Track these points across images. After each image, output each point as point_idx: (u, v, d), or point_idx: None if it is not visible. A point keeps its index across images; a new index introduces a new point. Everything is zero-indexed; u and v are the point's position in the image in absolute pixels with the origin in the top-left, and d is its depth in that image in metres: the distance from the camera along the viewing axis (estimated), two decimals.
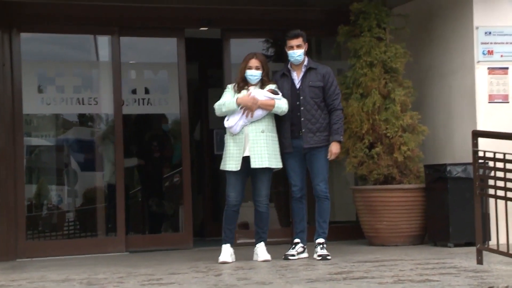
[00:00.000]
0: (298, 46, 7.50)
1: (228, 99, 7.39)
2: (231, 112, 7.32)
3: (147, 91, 9.73)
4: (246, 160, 7.36)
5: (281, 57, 9.38)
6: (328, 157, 7.42)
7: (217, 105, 7.46)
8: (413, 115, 8.93)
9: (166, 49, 9.84)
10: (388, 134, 8.88)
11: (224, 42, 9.74)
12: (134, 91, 9.72)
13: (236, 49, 9.65)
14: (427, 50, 9.60)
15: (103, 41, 9.52)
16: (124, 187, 9.39)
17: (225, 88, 7.75)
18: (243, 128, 7.37)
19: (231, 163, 7.38)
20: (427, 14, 9.58)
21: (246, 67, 7.48)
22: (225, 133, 7.62)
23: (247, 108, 7.22)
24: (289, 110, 7.49)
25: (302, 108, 7.53)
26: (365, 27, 9.05)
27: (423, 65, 9.63)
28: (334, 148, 7.44)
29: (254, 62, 7.44)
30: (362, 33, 9.05)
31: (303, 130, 7.50)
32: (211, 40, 10.13)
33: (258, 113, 7.38)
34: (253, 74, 7.43)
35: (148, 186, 11.11)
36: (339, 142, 7.49)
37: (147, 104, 9.63)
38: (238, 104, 7.27)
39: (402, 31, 9.24)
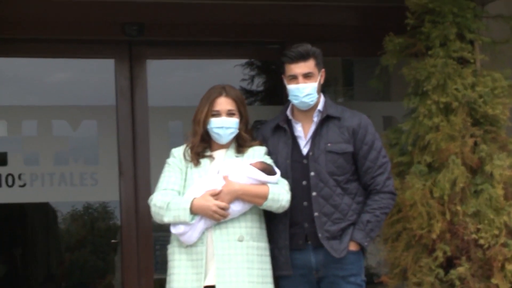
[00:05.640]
0: (307, 76, 5.77)
1: (172, 195, 5.66)
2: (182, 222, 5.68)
3: None
4: None
5: (272, 95, 9.27)
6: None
7: (154, 206, 5.71)
8: None
9: None
10: (482, 242, 6.92)
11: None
12: None
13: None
14: None
15: None
16: None
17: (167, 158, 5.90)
18: (204, 233, 5.65)
19: None
20: None
21: (208, 113, 5.68)
22: (167, 240, 5.91)
23: (211, 216, 5.54)
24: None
25: (313, 193, 5.82)
26: (435, 39, 7.05)
27: None
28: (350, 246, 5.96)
29: (224, 103, 5.67)
30: (430, 49, 7.14)
31: (319, 234, 5.70)
32: None
33: (236, 208, 5.67)
34: (225, 125, 5.73)
35: None
36: (361, 246, 5.83)
37: None
38: (194, 214, 5.54)
39: (505, 47, 7.28)
